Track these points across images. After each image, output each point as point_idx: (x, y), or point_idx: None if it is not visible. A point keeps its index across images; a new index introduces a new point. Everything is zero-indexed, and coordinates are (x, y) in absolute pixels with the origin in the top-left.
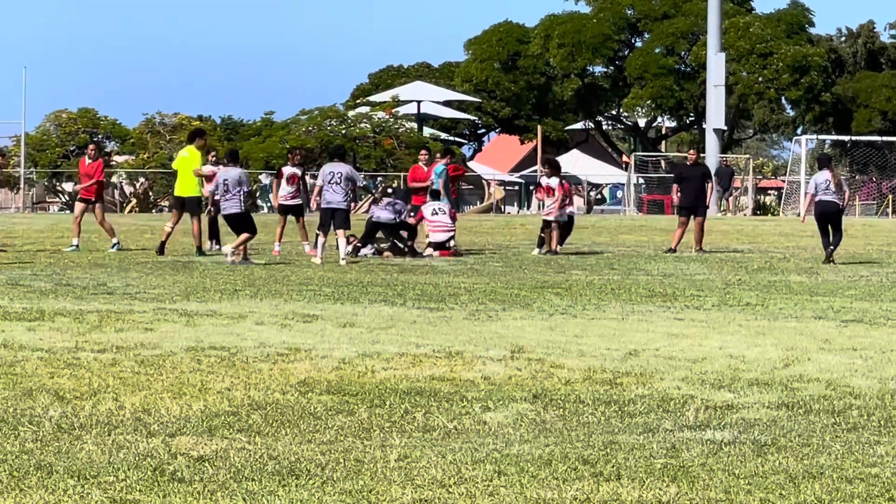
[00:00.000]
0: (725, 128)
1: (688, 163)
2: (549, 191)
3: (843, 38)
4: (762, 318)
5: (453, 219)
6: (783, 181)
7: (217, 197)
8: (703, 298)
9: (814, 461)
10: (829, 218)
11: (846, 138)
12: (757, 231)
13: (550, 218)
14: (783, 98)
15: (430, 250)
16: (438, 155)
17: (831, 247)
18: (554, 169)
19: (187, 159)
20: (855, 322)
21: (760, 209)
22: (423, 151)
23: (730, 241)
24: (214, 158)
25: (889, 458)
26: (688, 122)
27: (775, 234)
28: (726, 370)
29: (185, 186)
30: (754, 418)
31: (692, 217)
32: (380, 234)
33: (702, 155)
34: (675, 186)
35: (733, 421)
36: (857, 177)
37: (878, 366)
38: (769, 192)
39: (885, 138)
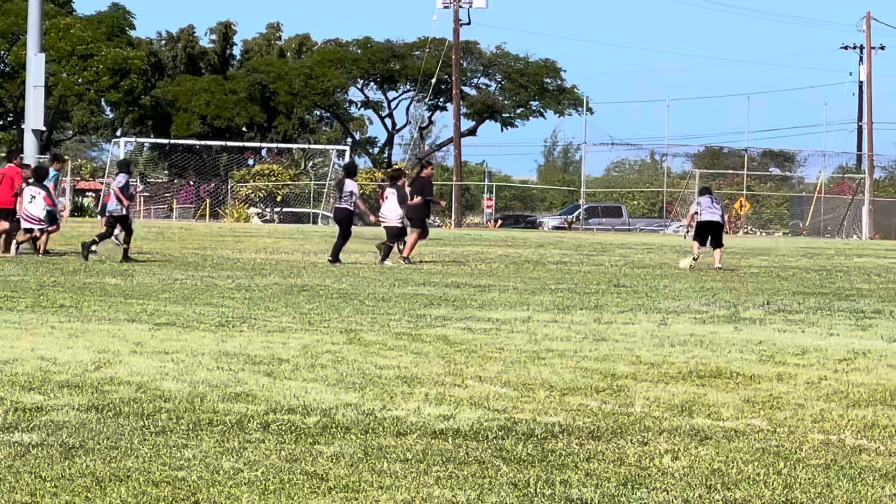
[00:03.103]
0: (45, 129)
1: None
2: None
3: (163, 42)
4: (76, 321)
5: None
6: (101, 183)
7: None
8: (17, 300)
9: (121, 464)
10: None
11: (165, 141)
12: (73, 231)
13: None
14: (103, 100)
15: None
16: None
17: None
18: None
19: None
20: (168, 325)
21: (79, 210)
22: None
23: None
24: None
25: (196, 462)
26: (8, 121)
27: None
28: (37, 372)
29: None
30: (63, 420)
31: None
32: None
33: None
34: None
35: (42, 423)
36: (175, 180)
37: (190, 369)
38: (87, 193)
39: (202, 142)
